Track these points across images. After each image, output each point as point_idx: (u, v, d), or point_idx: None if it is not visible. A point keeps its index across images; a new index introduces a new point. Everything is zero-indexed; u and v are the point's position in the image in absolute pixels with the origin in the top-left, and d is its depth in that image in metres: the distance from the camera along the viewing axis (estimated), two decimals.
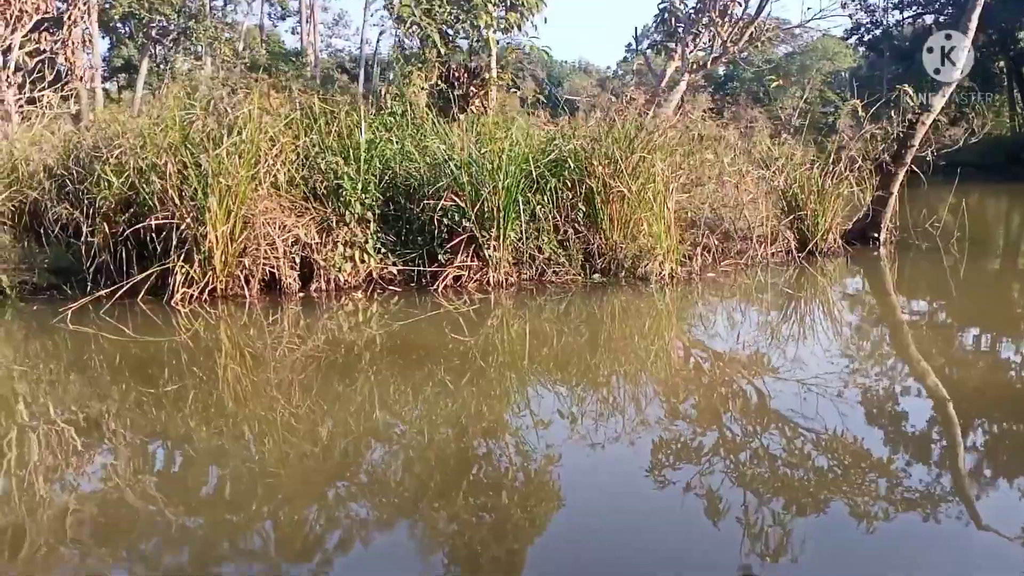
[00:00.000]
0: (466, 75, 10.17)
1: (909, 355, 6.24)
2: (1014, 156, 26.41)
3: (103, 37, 30.21)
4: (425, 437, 4.34)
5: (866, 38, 37.54)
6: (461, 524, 3.33)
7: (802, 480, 3.71)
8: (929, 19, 33.81)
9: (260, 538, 3.29)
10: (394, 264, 7.65)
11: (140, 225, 7.08)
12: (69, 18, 14.02)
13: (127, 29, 30.67)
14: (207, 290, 7.05)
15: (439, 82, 9.79)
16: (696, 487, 3.58)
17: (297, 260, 7.42)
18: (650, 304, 7.56)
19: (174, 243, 6.97)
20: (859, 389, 5.11)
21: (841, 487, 3.61)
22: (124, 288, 6.90)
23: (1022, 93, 32.78)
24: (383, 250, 7.67)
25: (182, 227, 6.97)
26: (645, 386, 5.35)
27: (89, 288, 7.00)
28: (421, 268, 7.65)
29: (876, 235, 9.81)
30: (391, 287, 7.58)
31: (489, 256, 7.63)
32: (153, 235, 7.12)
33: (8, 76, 11.99)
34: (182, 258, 6.99)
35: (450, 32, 11.55)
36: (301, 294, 7.37)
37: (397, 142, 8.29)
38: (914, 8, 35.46)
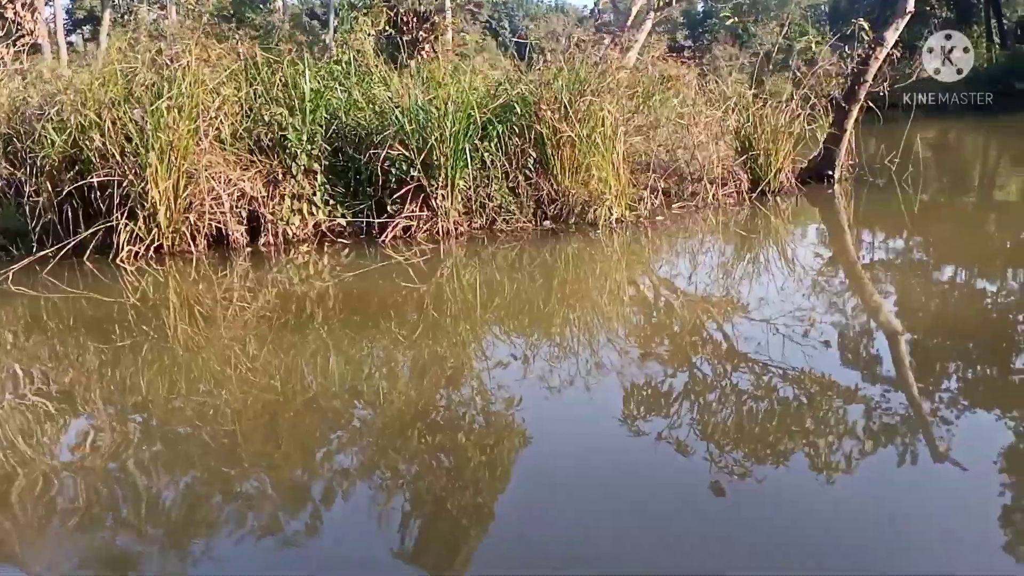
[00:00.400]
0: (415, 20, 10.00)
1: (859, 289, 6.37)
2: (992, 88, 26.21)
3: None
4: (388, 389, 4.37)
5: None
6: (431, 473, 3.40)
7: (767, 416, 3.79)
8: None
9: (227, 490, 3.36)
10: (343, 216, 7.63)
11: (82, 183, 7.01)
12: None
13: None
14: (153, 247, 7.04)
15: (387, 27, 9.63)
16: (664, 428, 3.67)
17: (244, 214, 7.40)
18: (599, 250, 7.61)
19: (117, 200, 6.93)
20: (810, 324, 5.18)
21: (804, 422, 3.71)
22: (68, 247, 6.87)
23: (999, 24, 32.44)
24: (331, 202, 7.63)
25: (124, 184, 6.91)
26: (598, 331, 5.43)
27: (35, 248, 6.97)
28: (370, 219, 7.64)
29: (830, 173, 9.85)
30: (340, 239, 7.58)
31: (438, 206, 7.62)
32: (97, 193, 7.07)
33: None
34: (126, 215, 6.95)
35: None
36: (249, 249, 7.37)
37: (344, 91, 8.18)
38: None
